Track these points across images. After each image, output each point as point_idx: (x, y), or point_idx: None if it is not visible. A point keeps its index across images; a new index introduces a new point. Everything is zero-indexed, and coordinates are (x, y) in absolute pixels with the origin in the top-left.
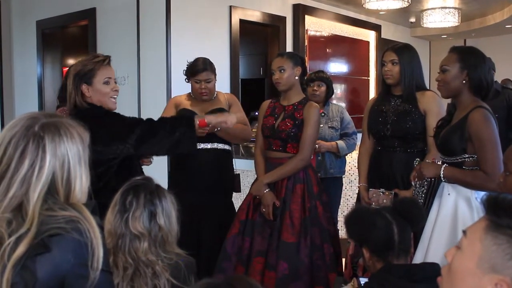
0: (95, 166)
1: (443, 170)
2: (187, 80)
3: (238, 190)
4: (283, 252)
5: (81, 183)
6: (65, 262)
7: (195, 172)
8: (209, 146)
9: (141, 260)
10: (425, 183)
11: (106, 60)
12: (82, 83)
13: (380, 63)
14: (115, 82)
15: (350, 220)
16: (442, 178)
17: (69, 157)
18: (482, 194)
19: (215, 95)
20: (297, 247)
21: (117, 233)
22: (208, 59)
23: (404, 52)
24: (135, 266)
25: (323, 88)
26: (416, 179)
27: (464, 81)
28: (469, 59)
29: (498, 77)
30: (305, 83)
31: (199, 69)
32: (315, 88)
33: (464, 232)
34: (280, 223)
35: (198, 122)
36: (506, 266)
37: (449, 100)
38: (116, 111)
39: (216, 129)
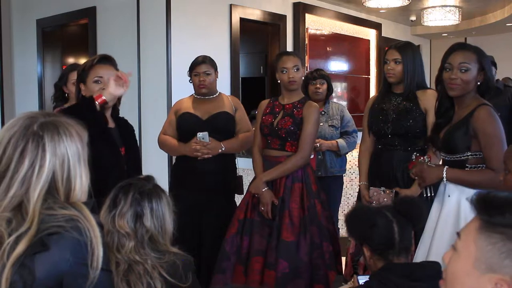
0: None
1: (445, 173)
2: (190, 81)
3: (240, 192)
4: (283, 251)
5: (81, 182)
6: (64, 261)
7: (198, 173)
8: None
9: (129, 258)
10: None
11: (96, 59)
12: (80, 81)
13: (382, 61)
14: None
15: (351, 218)
16: (444, 181)
17: (69, 155)
18: None
19: (217, 93)
20: (297, 246)
21: (105, 229)
22: (209, 56)
23: (407, 51)
24: (128, 262)
25: (325, 86)
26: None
27: (478, 82)
28: (484, 60)
29: (499, 75)
30: (305, 82)
31: (198, 61)
32: (317, 86)
33: (458, 234)
34: (280, 222)
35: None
36: (503, 265)
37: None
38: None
39: (220, 150)
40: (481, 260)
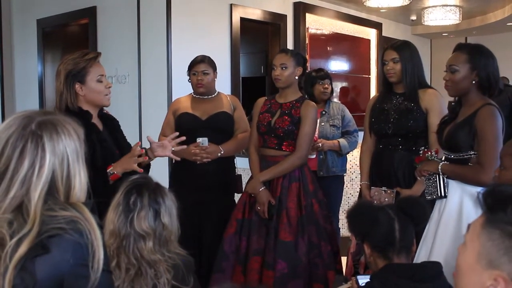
0: None
1: (441, 166)
2: (189, 80)
3: (240, 191)
4: (281, 251)
5: (80, 180)
6: (64, 263)
7: (198, 174)
8: None
9: (144, 260)
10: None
11: (97, 57)
12: (75, 82)
13: (381, 62)
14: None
15: (353, 214)
16: (440, 173)
17: (68, 154)
18: None
19: (216, 93)
20: (295, 246)
21: (121, 234)
22: (208, 56)
23: (405, 49)
24: (137, 266)
25: (330, 86)
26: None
27: (473, 82)
28: (479, 59)
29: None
30: (311, 81)
31: (196, 60)
32: (326, 85)
33: (468, 227)
34: (277, 222)
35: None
36: (501, 261)
37: (450, 98)
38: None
39: (219, 153)
40: (483, 255)
